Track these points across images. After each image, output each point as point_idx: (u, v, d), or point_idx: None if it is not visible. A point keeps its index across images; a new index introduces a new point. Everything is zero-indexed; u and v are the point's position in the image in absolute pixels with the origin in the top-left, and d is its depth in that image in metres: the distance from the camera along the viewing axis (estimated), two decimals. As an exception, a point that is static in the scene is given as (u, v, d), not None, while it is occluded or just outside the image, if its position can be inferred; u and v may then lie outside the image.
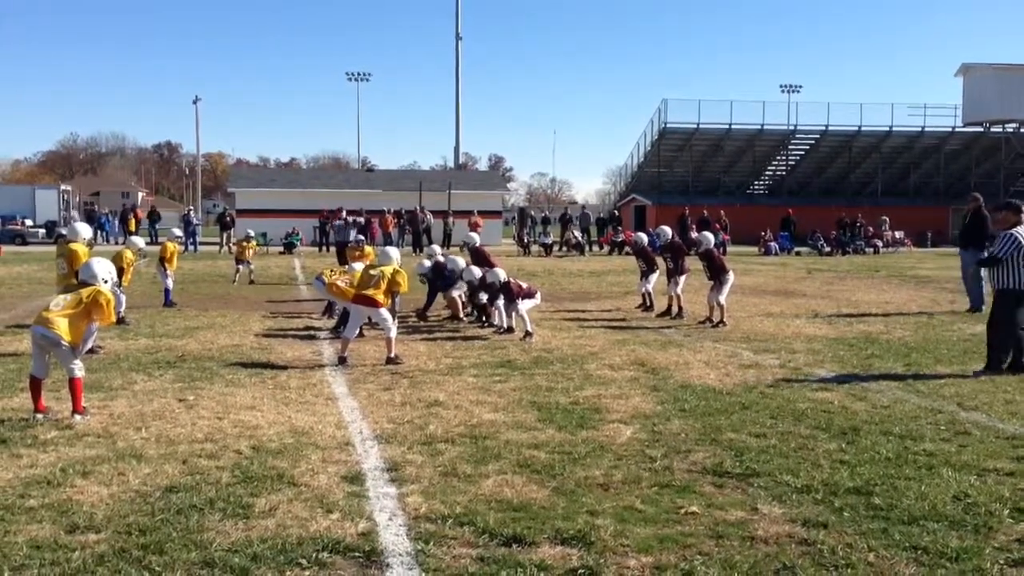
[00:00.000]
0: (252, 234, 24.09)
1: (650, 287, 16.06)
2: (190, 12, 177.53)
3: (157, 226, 44.95)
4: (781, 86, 67.01)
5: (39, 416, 7.44)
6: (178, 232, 19.46)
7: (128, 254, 14.15)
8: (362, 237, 18.76)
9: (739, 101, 54.14)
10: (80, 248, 11.47)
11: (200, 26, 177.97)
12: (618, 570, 4.47)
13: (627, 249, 30.04)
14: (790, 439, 6.98)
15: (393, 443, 6.86)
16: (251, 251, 22.76)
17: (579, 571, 4.45)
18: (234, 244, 25.67)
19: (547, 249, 38.83)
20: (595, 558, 4.60)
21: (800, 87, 66.59)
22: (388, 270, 10.82)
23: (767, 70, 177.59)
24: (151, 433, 7.08)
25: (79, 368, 7.59)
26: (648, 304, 16.05)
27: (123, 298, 13.54)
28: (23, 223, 44.56)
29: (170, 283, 16.61)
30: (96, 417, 7.60)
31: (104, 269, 8.07)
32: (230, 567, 4.44)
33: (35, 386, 7.59)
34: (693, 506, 5.39)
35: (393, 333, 10.68)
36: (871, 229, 42.21)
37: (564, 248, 40.05)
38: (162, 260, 16.52)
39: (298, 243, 38.57)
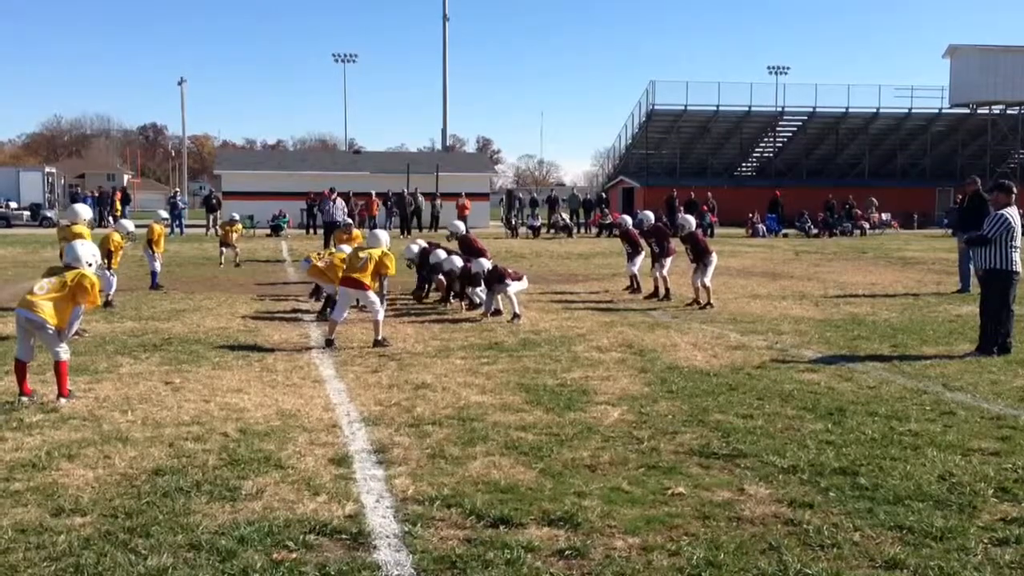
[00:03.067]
0: (237, 217, 23.89)
1: (635, 269, 16.06)
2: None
3: (128, 208, 44.63)
4: (769, 68, 66.84)
5: (24, 399, 7.40)
6: (164, 214, 19.27)
7: (116, 237, 14.00)
8: (350, 220, 18.66)
9: (727, 83, 54.26)
10: (83, 230, 11.59)
11: (185, 6, 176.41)
12: (605, 551, 4.48)
13: (615, 231, 30.06)
14: (776, 420, 7.01)
15: (380, 425, 6.86)
16: (236, 234, 22.60)
17: (566, 552, 4.46)
18: (220, 227, 25.35)
19: (535, 231, 38.78)
20: (582, 539, 4.61)
21: (788, 69, 66.41)
22: (376, 253, 10.78)
23: (755, 52, 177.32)
24: (137, 416, 7.05)
25: (64, 351, 7.55)
26: (635, 286, 16.07)
27: (113, 281, 13.59)
28: (7, 205, 44.15)
29: (158, 266, 16.50)
30: (82, 400, 7.57)
31: (88, 252, 8.02)
32: (217, 549, 4.43)
33: (20, 369, 7.55)
34: (680, 487, 5.41)
35: (380, 316, 10.65)
36: (858, 211, 42.29)
37: (552, 230, 40.01)
38: (150, 242, 16.39)
39: (285, 225, 38.38)
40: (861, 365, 9.32)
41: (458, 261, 13.74)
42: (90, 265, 7.92)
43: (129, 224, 15.33)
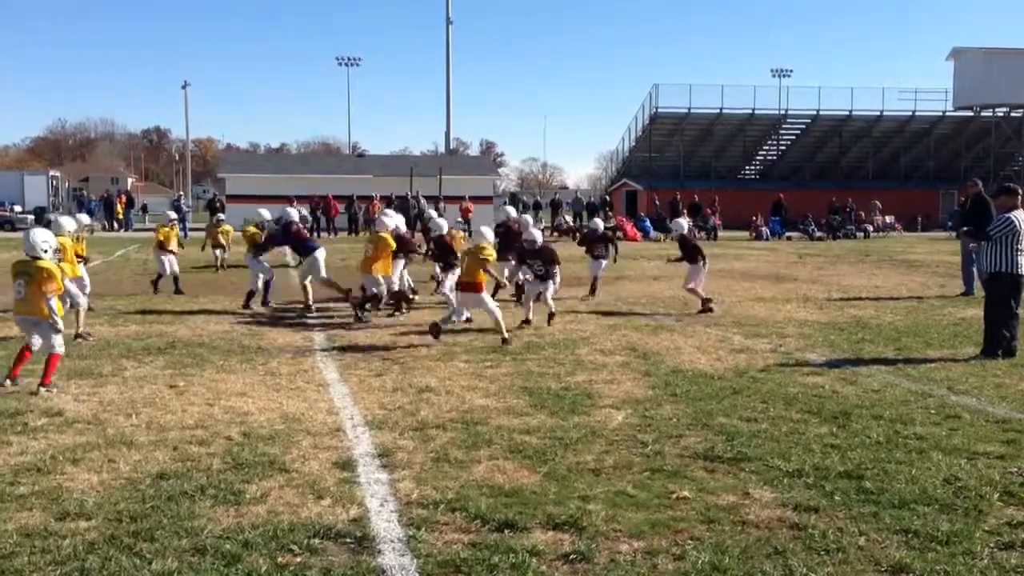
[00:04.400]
0: (223, 217, 23.63)
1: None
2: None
3: (132, 211, 44.77)
4: (772, 70, 66.85)
5: (7, 382, 7.87)
6: (172, 215, 19.15)
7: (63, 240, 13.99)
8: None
9: (730, 86, 53.97)
10: (65, 241, 11.63)
11: (189, 10, 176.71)
12: (610, 555, 4.48)
13: (619, 234, 30.05)
14: (781, 423, 7.00)
15: (384, 429, 6.86)
16: (225, 236, 22.04)
17: (571, 556, 4.46)
18: (207, 230, 24.19)
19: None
20: (587, 543, 4.60)
21: (791, 71, 66.43)
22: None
23: (758, 55, 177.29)
24: (141, 420, 7.06)
25: (60, 346, 8.04)
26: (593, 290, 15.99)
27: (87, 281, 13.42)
28: (12, 209, 44.26)
29: (175, 268, 16.00)
30: (86, 404, 7.58)
31: (41, 238, 8.32)
32: (221, 553, 4.43)
33: (23, 355, 8.09)
34: (684, 491, 5.40)
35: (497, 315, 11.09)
36: (861, 213, 42.25)
37: (555, 233, 40.01)
38: (160, 245, 16.24)
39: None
40: (865, 368, 9.30)
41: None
42: (45, 252, 8.22)
43: (85, 218, 15.05)
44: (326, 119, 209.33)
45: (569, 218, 42.05)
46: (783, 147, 56.48)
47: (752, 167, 58.04)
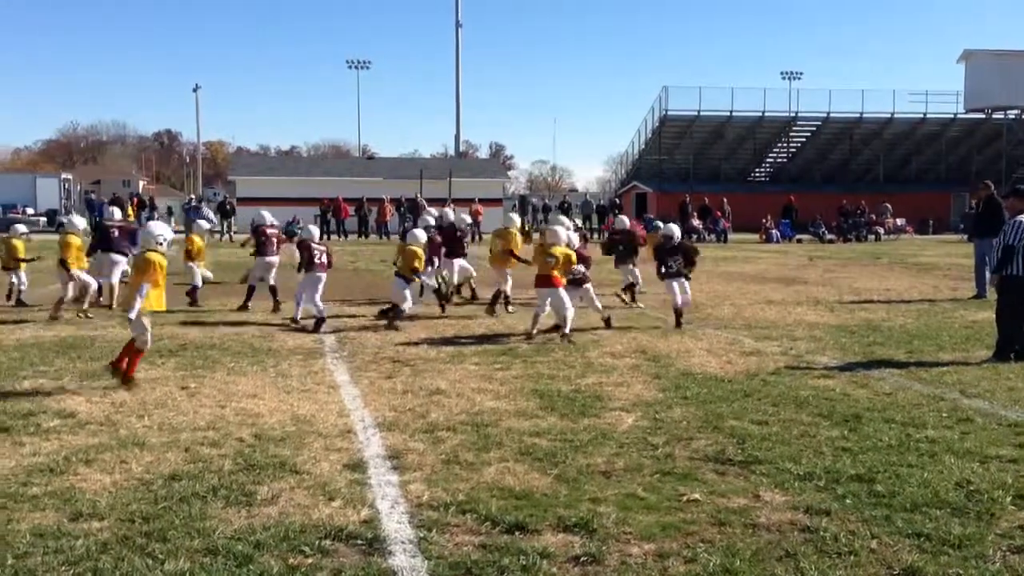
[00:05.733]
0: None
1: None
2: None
3: (143, 214, 44.88)
4: (782, 73, 66.79)
5: (111, 371, 8.24)
6: (206, 224, 18.51)
7: (19, 244, 15.08)
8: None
9: (740, 88, 54.01)
10: (75, 239, 13.28)
11: (199, 13, 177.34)
12: (621, 557, 4.47)
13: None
14: (792, 426, 6.98)
15: (395, 431, 6.87)
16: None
17: (582, 558, 4.46)
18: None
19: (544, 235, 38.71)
20: (598, 545, 4.60)
21: (801, 74, 66.32)
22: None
23: (768, 57, 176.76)
24: (153, 421, 7.09)
25: (144, 343, 8.26)
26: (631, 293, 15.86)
27: (24, 280, 15.03)
28: (24, 211, 44.52)
29: (199, 279, 15.72)
30: (99, 405, 7.61)
31: (157, 231, 8.46)
32: (233, 554, 4.45)
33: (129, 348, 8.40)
34: (695, 493, 5.40)
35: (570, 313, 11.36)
36: (872, 216, 42.12)
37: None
38: (188, 253, 15.90)
39: (298, 231, 38.48)
40: (877, 371, 9.27)
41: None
42: (160, 244, 8.38)
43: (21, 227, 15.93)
44: (336, 122, 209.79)
45: (579, 221, 41.96)
46: (793, 150, 56.41)
47: (762, 170, 57.97)
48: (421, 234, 13.18)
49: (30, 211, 44.97)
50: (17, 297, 15.03)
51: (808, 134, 54.69)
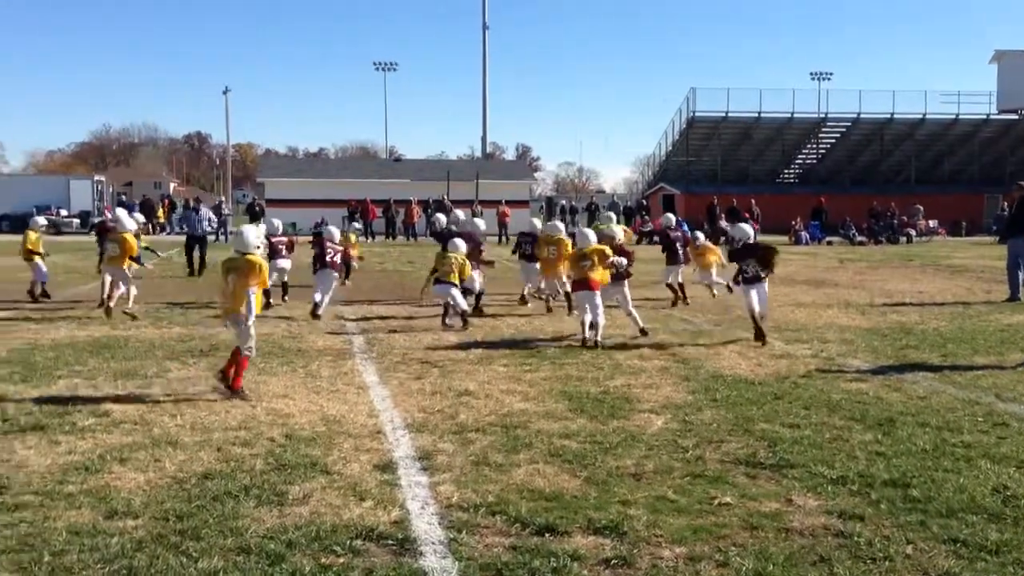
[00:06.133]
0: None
1: (668, 278, 15.84)
2: (217, 1, 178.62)
3: (175, 216, 45.38)
4: (811, 74, 66.03)
5: (219, 383, 8.10)
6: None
7: (32, 235, 15.95)
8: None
9: (768, 89, 53.26)
10: (130, 236, 13.85)
11: (229, 16, 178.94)
12: (652, 560, 4.46)
13: (655, 238, 29.80)
14: (824, 430, 6.92)
15: (424, 432, 6.88)
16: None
17: (612, 561, 4.45)
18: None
19: (574, 239, 38.53)
20: (628, 548, 4.59)
21: (831, 75, 65.54)
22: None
23: (797, 58, 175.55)
24: (186, 420, 7.15)
25: (249, 349, 8.16)
26: (680, 297, 15.75)
27: (45, 272, 15.77)
28: (58, 213, 45.07)
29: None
30: (132, 404, 7.69)
31: (253, 235, 8.44)
32: (266, 553, 4.48)
33: (234, 356, 8.27)
34: (726, 497, 5.37)
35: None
36: (904, 218, 41.65)
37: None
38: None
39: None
40: (910, 375, 9.16)
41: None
42: (257, 248, 8.36)
43: (41, 219, 17.20)
44: (363, 124, 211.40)
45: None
46: (823, 151, 55.89)
47: (791, 171, 57.51)
48: (461, 243, 13.13)
49: (63, 212, 45.46)
50: (43, 288, 15.70)
51: (838, 135, 54.19)
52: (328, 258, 13.62)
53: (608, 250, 11.55)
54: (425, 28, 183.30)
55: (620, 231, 13.15)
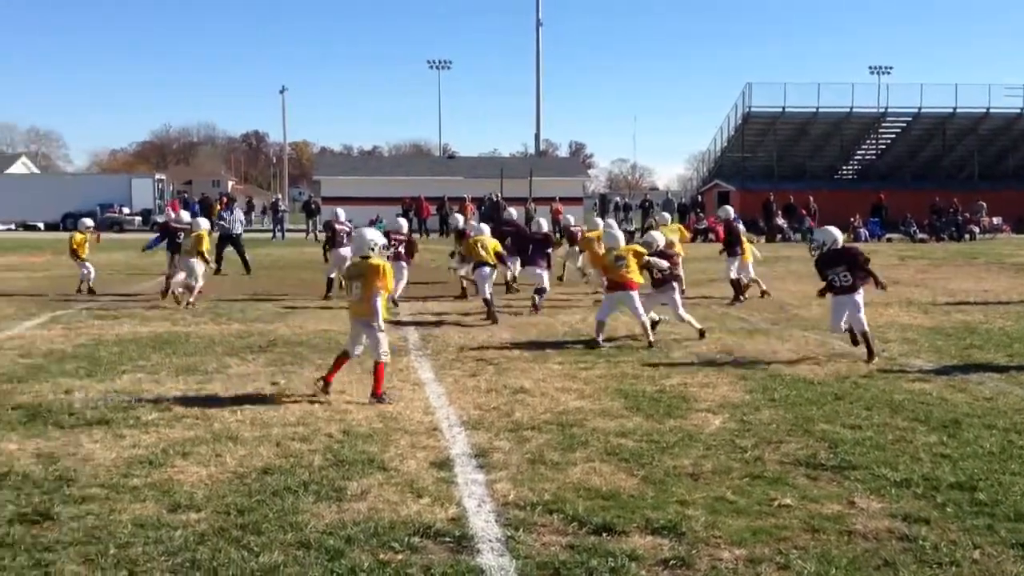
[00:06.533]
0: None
1: (732, 273, 15.67)
2: (274, 2, 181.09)
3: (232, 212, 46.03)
4: (870, 67, 64.52)
5: (321, 383, 7.99)
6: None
7: (78, 235, 16.85)
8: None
9: (826, 84, 52.48)
10: (204, 234, 15.13)
11: (285, 17, 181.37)
12: (711, 562, 4.41)
13: (710, 236, 29.50)
14: (887, 431, 6.78)
15: (480, 429, 6.90)
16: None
17: (671, 562, 4.41)
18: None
19: (629, 236, 38.43)
20: (687, 549, 4.54)
21: (891, 68, 64.04)
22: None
23: (855, 52, 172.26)
24: (245, 416, 7.26)
25: (385, 354, 7.97)
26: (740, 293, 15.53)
27: (91, 270, 16.54)
28: (120, 211, 46.14)
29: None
30: (193, 399, 7.83)
31: (369, 237, 8.29)
32: (325, 548, 4.53)
33: (340, 361, 8.17)
34: (787, 498, 5.29)
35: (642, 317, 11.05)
36: (967, 214, 40.66)
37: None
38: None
39: (381, 230, 39.02)
40: (975, 375, 8.93)
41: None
42: (372, 249, 8.14)
43: (88, 220, 17.90)
44: (417, 121, 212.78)
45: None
46: (883, 146, 54.79)
47: (849, 167, 56.46)
48: (485, 227, 14.63)
49: (126, 210, 46.49)
50: (88, 287, 16.49)
51: (898, 130, 53.06)
52: (394, 250, 13.89)
53: (643, 249, 11.35)
54: (479, 26, 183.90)
55: (662, 237, 12.32)
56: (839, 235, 10.37)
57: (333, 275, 15.73)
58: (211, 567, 4.33)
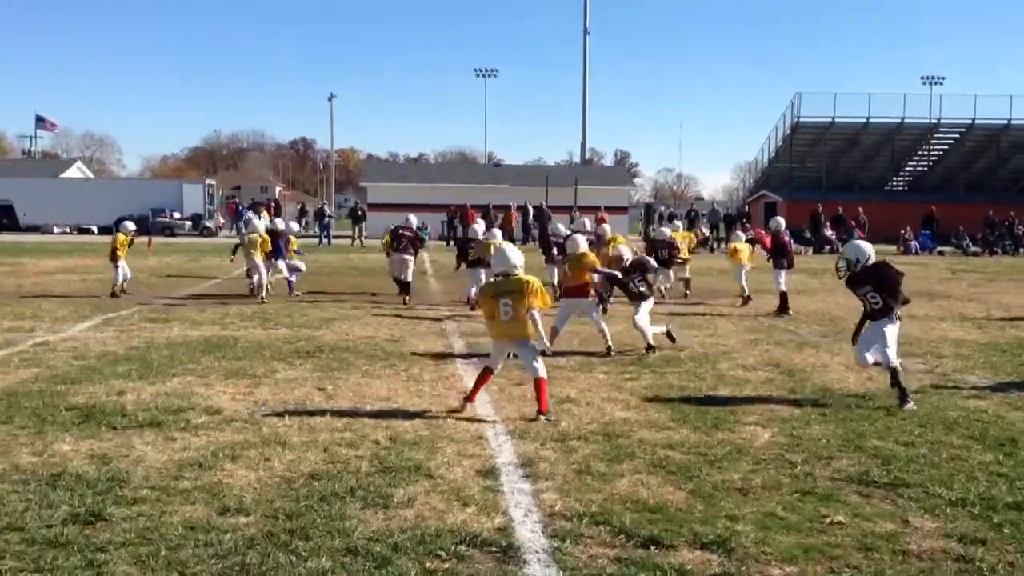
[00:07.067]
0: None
1: (781, 286, 15.51)
2: (324, 11, 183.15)
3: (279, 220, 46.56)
4: (922, 78, 63.49)
5: (468, 404, 7.75)
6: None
7: (121, 236, 17.41)
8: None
9: (877, 94, 51.53)
10: (264, 236, 16.79)
11: (334, 25, 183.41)
12: (761, 579, 4.34)
13: (757, 246, 29.24)
14: (941, 449, 6.64)
15: (526, 439, 6.87)
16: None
17: (720, 577, 4.35)
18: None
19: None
20: (736, 565, 4.48)
21: (943, 79, 62.91)
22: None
23: (907, 62, 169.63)
24: (293, 420, 7.32)
25: (542, 369, 7.70)
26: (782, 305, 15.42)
27: (125, 272, 17.15)
28: (171, 215, 46.91)
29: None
30: (242, 403, 7.92)
31: (516, 255, 8.07)
32: (372, 555, 4.54)
33: (483, 376, 7.95)
34: (839, 515, 5.19)
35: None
36: (1022, 228, 39.78)
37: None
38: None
39: (427, 237, 39.18)
40: (1033, 393, 8.72)
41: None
42: (516, 267, 7.96)
43: (131, 225, 18.24)
44: (463, 129, 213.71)
45: (706, 230, 41.18)
46: (935, 157, 53.91)
47: (901, 178, 55.61)
48: (497, 231, 15.53)
49: (176, 215, 47.25)
50: (120, 287, 17.11)
51: (951, 141, 52.17)
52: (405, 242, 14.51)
53: (590, 257, 11.27)
54: (526, 35, 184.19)
55: (627, 251, 12.43)
56: (870, 250, 8.93)
57: (409, 278, 16.61)
58: (260, 571, 4.36)
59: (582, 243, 11.47)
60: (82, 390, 8.36)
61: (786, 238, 16.52)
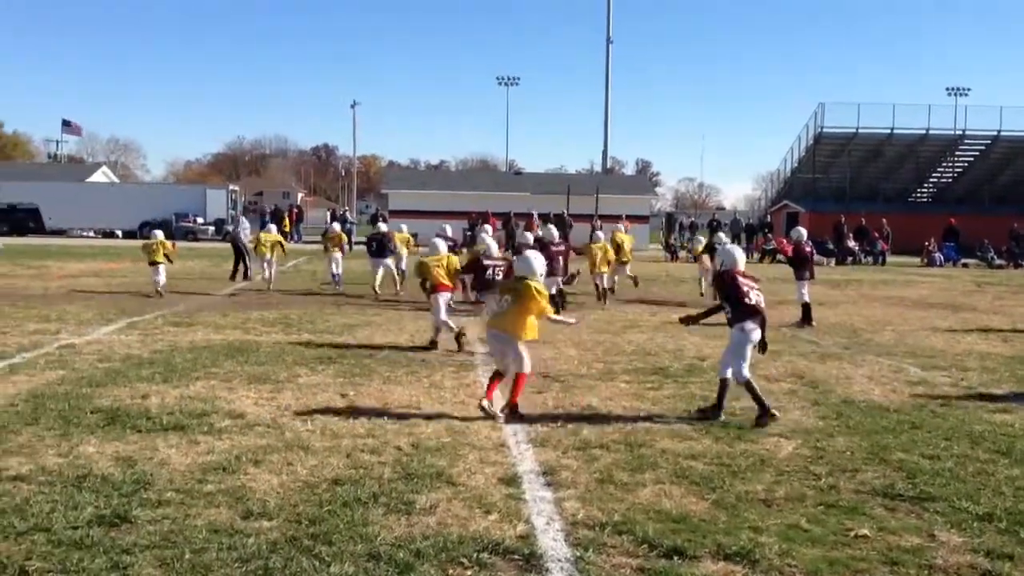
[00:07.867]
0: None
1: (804, 297, 15.43)
2: (346, 19, 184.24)
3: (301, 225, 46.89)
4: (947, 89, 63.20)
5: (484, 403, 7.79)
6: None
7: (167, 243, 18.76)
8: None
9: (901, 104, 51.31)
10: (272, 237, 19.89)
11: (357, 32, 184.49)
12: (786, 591, 4.31)
13: (779, 257, 29.07)
14: (967, 463, 6.57)
15: (548, 447, 6.86)
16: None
17: (744, 589, 4.32)
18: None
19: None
20: (761, 577, 4.45)
21: (968, 90, 62.50)
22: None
23: (932, 73, 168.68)
24: (316, 426, 7.34)
25: (527, 366, 7.99)
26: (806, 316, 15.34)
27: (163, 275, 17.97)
28: (195, 220, 47.25)
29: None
30: (265, 408, 7.95)
31: (540, 262, 8.37)
32: (395, 561, 4.54)
33: (495, 379, 8.10)
34: (863, 529, 5.15)
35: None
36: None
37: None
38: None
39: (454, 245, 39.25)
40: (1060, 408, 8.62)
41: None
42: (536, 275, 8.19)
43: (160, 233, 19.03)
44: (484, 137, 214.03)
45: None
46: (959, 169, 53.50)
47: (925, 189, 55.21)
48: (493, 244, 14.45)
49: (200, 220, 47.58)
50: (160, 289, 17.83)
51: (976, 153, 51.79)
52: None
53: (447, 262, 12.26)
54: (548, 43, 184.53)
55: (493, 246, 14.01)
56: (740, 256, 8.68)
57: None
58: (283, 575, 4.37)
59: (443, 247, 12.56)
60: (107, 393, 8.43)
61: (808, 249, 16.32)
